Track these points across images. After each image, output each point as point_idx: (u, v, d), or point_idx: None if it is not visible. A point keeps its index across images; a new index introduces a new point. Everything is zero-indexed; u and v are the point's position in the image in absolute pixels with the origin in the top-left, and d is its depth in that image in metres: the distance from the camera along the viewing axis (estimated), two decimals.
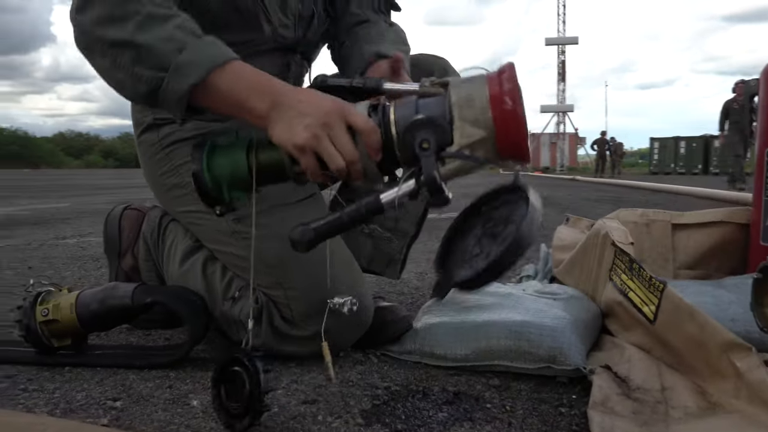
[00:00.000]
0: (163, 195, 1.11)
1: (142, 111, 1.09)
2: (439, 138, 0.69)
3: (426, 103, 0.72)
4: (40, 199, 6.11)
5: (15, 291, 1.62)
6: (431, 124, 0.69)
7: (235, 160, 0.75)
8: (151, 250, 1.18)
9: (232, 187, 0.76)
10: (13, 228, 3.30)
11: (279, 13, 1.06)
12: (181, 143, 1.06)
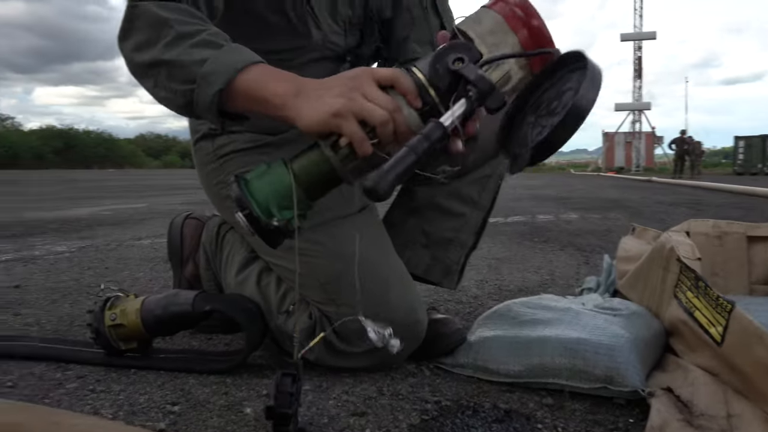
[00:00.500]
0: (218, 204, 1.15)
1: (197, 120, 1.12)
2: (468, 54, 0.68)
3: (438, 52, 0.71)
4: (121, 200, 6.44)
5: (92, 291, 1.72)
6: (455, 46, 0.69)
7: (276, 177, 0.71)
8: (210, 260, 1.22)
9: (283, 206, 0.71)
10: (96, 228, 3.50)
11: (329, 19, 1.07)
12: (234, 155, 1.09)
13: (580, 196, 7.30)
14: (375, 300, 0.95)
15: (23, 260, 2.29)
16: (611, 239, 2.99)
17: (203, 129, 1.12)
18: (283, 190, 0.70)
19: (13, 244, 2.77)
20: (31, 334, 1.26)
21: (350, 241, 0.99)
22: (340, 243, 0.99)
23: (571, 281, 1.90)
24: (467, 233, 1.21)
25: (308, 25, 1.03)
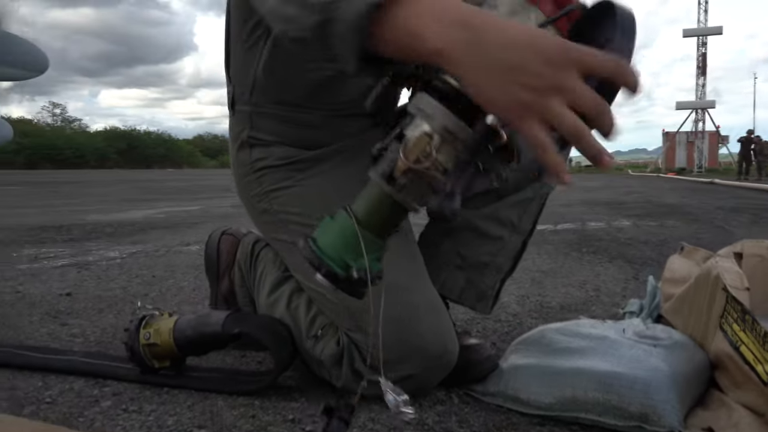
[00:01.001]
0: (254, 216, 1.15)
1: (239, 124, 1.11)
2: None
3: None
4: (175, 202, 6.63)
5: (130, 300, 1.77)
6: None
7: (342, 227, 0.67)
8: (244, 277, 1.24)
9: (358, 254, 0.66)
10: (149, 231, 3.61)
11: None
12: (271, 170, 1.09)
13: (636, 201, 7.08)
14: (404, 328, 0.94)
15: (77, 266, 2.38)
16: (665, 251, 2.87)
17: (243, 136, 1.11)
18: (352, 239, 0.66)
19: (70, 248, 2.89)
20: (74, 348, 1.30)
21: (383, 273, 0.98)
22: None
23: (617, 298, 1.83)
24: (504, 257, 1.17)
25: None
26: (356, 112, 1.09)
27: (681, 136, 40.80)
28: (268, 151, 1.08)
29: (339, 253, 0.66)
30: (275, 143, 1.08)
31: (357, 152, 1.08)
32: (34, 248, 2.88)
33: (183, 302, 1.76)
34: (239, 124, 1.12)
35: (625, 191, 9.99)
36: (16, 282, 2.04)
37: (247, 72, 1.07)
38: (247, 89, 1.08)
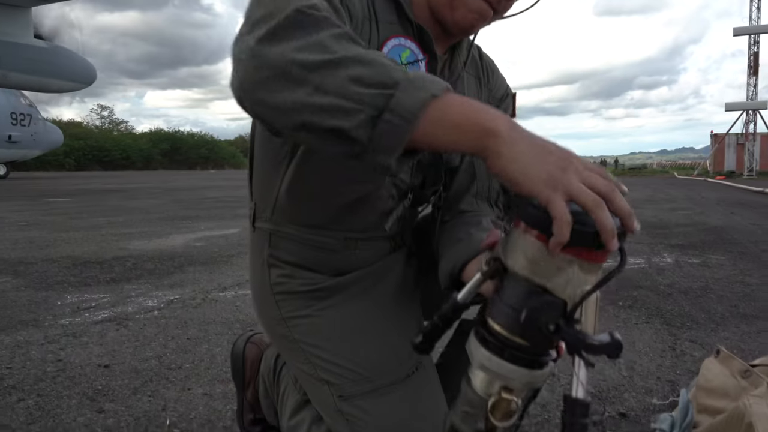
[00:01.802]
0: (273, 338, 1.14)
1: (260, 242, 1.10)
2: (557, 309, 0.67)
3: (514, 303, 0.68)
4: (214, 221, 6.75)
5: (171, 376, 1.81)
6: (541, 305, 0.66)
7: None
8: (268, 390, 1.25)
9: None
10: (186, 269, 3.69)
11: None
12: (290, 296, 1.08)
13: (679, 222, 6.88)
14: None
15: (117, 320, 2.45)
16: (705, 304, 2.80)
17: (263, 255, 1.10)
18: None
19: (110, 293, 2.97)
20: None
21: (396, 413, 0.98)
22: (385, 415, 0.98)
23: (651, 381, 1.79)
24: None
25: None
26: (375, 236, 1.10)
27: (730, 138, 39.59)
28: (287, 275, 1.08)
29: None
30: (294, 266, 1.08)
31: (374, 282, 1.09)
32: (77, 293, 2.97)
33: (215, 380, 1.79)
34: (259, 241, 1.12)
35: (669, 207, 9.72)
36: (57, 346, 2.12)
37: (269, 190, 1.07)
38: (269, 207, 1.08)
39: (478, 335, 0.68)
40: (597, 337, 0.63)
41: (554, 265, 0.63)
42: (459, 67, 1.09)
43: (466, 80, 1.11)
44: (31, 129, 23.12)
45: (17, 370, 1.87)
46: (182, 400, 1.65)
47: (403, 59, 0.97)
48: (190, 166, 59.64)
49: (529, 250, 0.64)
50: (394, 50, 0.97)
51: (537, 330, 0.63)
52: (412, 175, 1.09)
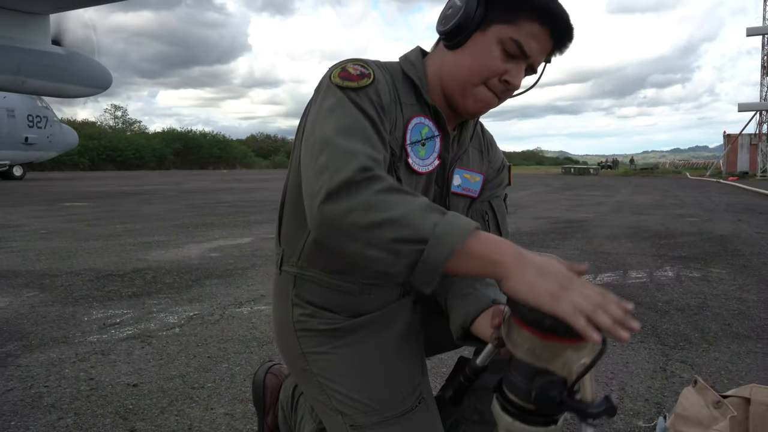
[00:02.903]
0: (293, 371, 1.28)
1: (285, 284, 1.24)
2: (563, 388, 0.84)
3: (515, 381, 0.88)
4: (228, 229, 6.93)
5: (195, 395, 1.97)
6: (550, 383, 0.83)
7: None
8: (286, 418, 1.40)
9: None
10: (204, 283, 3.86)
11: None
12: (310, 333, 1.24)
13: (685, 231, 6.97)
14: None
15: (141, 338, 2.62)
16: (701, 323, 2.92)
17: (288, 295, 1.26)
18: None
19: (133, 309, 3.14)
20: None
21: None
22: None
23: (640, 403, 1.92)
24: None
25: None
26: (387, 283, 1.24)
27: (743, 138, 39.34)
28: (309, 315, 1.23)
29: None
30: (316, 306, 1.23)
31: (384, 324, 1.24)
32: (102, 309, 3.14)
33: (235, 399, 1.95)
34: (285, 283, 1.26)
35: (677, 212, 9.79)
36: (88, 364, 2.28)
37: (297, 239, 1.22)
38: (296, 254, 1.23)
39: (500, 403, 0.86)
40: (595, 403, 0.79)
41: (550, 352, 0.80)
42: (466, 142, 1.24)
43: (471, 153, 1.27)
44: (47, 131, 23.49)
45: (54, 389, 2.04)
46: (206, 419, 1.80)
47: (423, 135, 1.14)
48: (202, 165, 59.97)
49: (526, 343, 0.82)
50: (416, 128, 1.13)
51: (546, 404, 0.80)
52: None
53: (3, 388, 2.04)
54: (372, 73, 1.06)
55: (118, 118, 69.47)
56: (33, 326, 2.82)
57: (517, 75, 1.10)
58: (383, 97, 1.07)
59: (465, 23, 1.09)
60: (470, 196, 1.27)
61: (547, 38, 1.09)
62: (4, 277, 4.03)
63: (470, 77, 1.11)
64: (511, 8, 1.07)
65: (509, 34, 1.07)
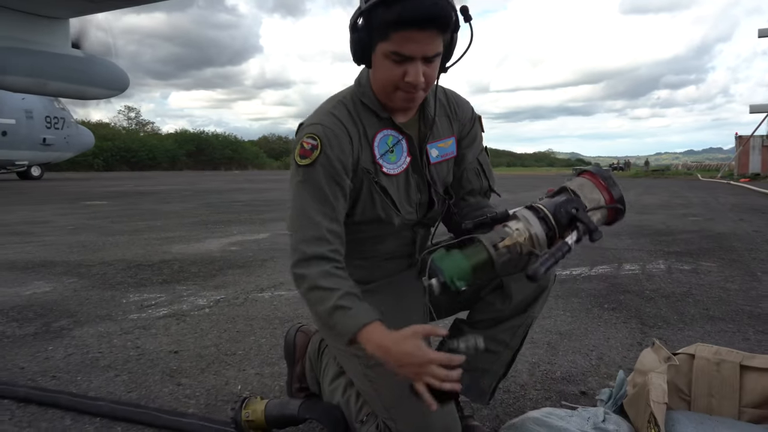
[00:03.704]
0: (323, 332, 1.62)
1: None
2: (580, 205, 1.25)
3: (558, 198, 1.29)
4: (245, 225, 7.27)
5: (228, 360, 2.28)
6: (572, 200, 1.26)
7: (454, 261, 1.23)
8: (313, 365, 1.71)
9: (460, 278, 1.22)
10: (227, 272, 4.18)
11: (406, 206, 1.52)
12: None
13: (686, 229, 7.21)
14: (419, 422, 1.38)
15: (176, 316, 2.94)
16: (681, 307, 3.19)
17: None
18: (460, 270, 1.22)
19: (165, 293, 3.47)
20: (190, 409, 1.81)
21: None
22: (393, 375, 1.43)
23: (613, 369, 2.21)
24: (499, 365, 1.60)
25: (392, 217, 1.49)
26: (395, 256, 1.57)
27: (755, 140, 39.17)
28: None
29: (451, 274, 1.22)
30: None
31: (394, 289, 1.55)
32: (137, 293, 3.47)
33: (264, 363, 2.26)
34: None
35: (681, 212, 10.01)
36: (133, 336, 2.61)
37: None
38: None
39: (531, 209, 1.26)
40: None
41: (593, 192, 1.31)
42: (430, 115, 1.53)
43: (440, 122, 1.56)
44: (64, 132, 24.01)
45: (107, 354, 2.36)
46: (239, 377, 2.12)
47: (389, 144, 1.48)
48: (214, 166, 60.40)
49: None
50: (382, 140, 1.47)
51: (564, 211, 1.23)
52: (417, 213, 1.55)
53: (64, 353, 2.36)
54: (320, 142, 1.40)
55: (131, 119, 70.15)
56: (78, 306, 3.15)
57: (414, 73, 1.33)
58: (333, 154, 1.41)
59: (357, 50, 1.38)
60: (449, 158, 1.58)
61: (421, 33, 1.28)
62: (44, 266, 4.38)
63: (384, 88, 1.40)
64: (382, 27, 1.30)
65: (387, 48, 1.32)
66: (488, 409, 1.84)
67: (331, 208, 1.41)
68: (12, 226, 7.11)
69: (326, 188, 1.41)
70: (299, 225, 1.41)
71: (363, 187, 1.46)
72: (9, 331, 2.68)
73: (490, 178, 1.65)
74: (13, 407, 1.83)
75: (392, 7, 1.25)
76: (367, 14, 1.30)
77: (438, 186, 1.56)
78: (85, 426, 1.71)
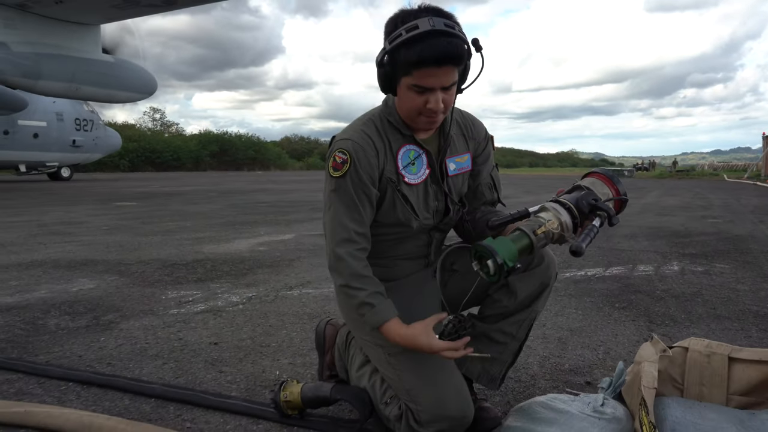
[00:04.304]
0: (348, 320, 1.83)
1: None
2: (596, 197, 1.50)
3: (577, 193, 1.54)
4: (271, 226, 7.52)
5: (263, 351, 2.50)
6: (590, 193, 1.52)
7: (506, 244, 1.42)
8: (341, 355, 1.92)
9: (510, 259, 1.41)
10: (257, 271, 4.42)
11: (424, 211, 1.73)
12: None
13: (704, 231, 7.29)
14: (437, 405, 1.59)
15: (213, 312, 3.18)
16: (690, 307, 3.34)
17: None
18: (510, 252, 1.41)
19: (201, 290, 3.71)
20: (232, 392, 2.04)
21: (425, 365, 1.63)
22: (419, 365, 1.63)
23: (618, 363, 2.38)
24: (507, 354, 1.79)
25: (411, 221, 1.70)
26: (412, 257, 1.77)
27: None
28: None
29: (504, 255, 1.41)
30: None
31: (412, 286, 1.76)
32: (175, 290, 3.73)
33: (296, 354, 2.48)
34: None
35: (701, 214, 10.04)
36: (175, 329, 2.84)
37: None
38: None
39: (557, 203, 1.50)
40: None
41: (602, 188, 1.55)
42: (448, 133, 1.74)
43: (456, 139, 1.77)
44: (93, 134, 24.62)
45: (153, 345, 2.60)
46: (274, 366, 2.34)
47: (411, 157, 1.68)
48: (237, 167, 60.99)
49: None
50: (405, 154, 1.67)
51: (586, 202, 1.47)
52: (434, 218, 1.75)
53: (115, 344, 2.61)
54: (349, 157, 1.62)
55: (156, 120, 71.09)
56: (122, 302, 3.40)
57: (435, 101, 1.55)
58: (362, 167, 1.63)
59: (384, 83, 1.60)
60: (465, 171, 1.79)
61: (438, 69, 1.49)
62: (86, 265, 4.67)
63: (408, 113, 1.62)
64: (404, 65, 1.52)
65: (410, 82, 1.54)
66: (500, 396, 2.03)
67: (359, 214, 1.63)
68: (50, 227, 7.45)
69: (355, 197, 1.62)
70: (333, 229, 1.63)
71: (387, 194, 1.67)
72: (63, 324, 2.94)
73: (499, 192, 1.86)
74: (78, 389, 2.07)
75: (413, 49, 1.46)
76: (392, 54, 1.51)
77: (454, 195, 1.76)
78: (142, 405, 1.94)
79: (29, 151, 21.51)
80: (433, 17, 1.47)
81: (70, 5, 13.08)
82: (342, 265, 1.60)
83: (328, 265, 1.66)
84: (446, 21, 1.48)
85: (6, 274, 4.25)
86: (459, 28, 1.50)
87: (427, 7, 1.51)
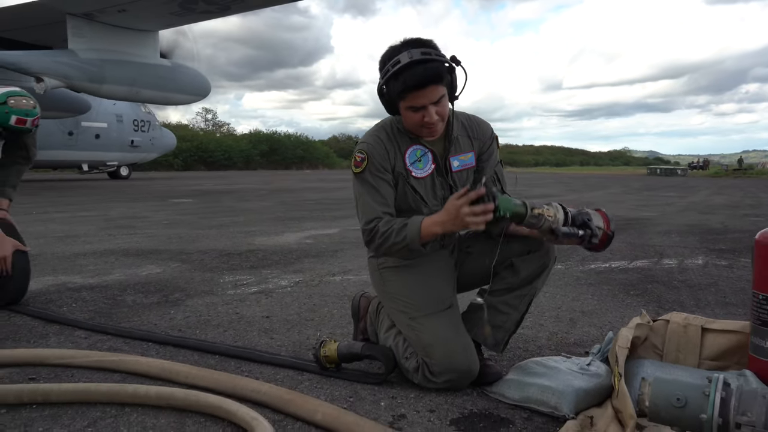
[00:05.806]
0: (378, 292, 2.21)
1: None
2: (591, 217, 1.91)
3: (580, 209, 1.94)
4: (318, 222, 7.98)
5: (309, 324, 2.91)
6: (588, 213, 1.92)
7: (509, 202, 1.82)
8: (372, 321, 2.30)
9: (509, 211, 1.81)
10: (303, 260, 4.85)
11: (432, 199, 2.09)
12: (386, 270, 2.14)
13: (743, 229, 7.36)
14: (447, 359, 1.95)
15: (264, 293, 3.61)
16: (702, 295, 3.58)
17: (371, 253, 2.19)
18: (507, 207, 1.81)
19: (254, 275, 4.16)
20: (282, 352, 2.45)
21: (437, 325, 1.99)
22: (432, 326, 2.00)
23: None
24: (510, 324, 2.14)
25: (421, 207, 2.07)
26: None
27: None
28: (385, 259, 2.14)
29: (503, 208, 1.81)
30: (388, 257, 2.13)
31: (430, 263, 2.12)
32: (231, 275, 4.19)
33: (335, 326, 2.88)
34: (374, 260, 2.19)
35: (744, 213, 10.01)
36: (233, 306, 3.28)
37: None
38: None
39: (561, 205, 1.89)
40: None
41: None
42: (452, 135, 2.09)
43: (461, 140, 2.12)
44: (150, 134, 25.75)
45: (215, 317, 3.04)
46: (317, 335, 2.73)
47: (417, 155, 2.05)
48: (286, 166, 62.10)
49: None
50: (412, 153, 2.06)
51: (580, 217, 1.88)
52: (441, 205, 2.11)
53: (183, 316, 3.06)
54: (366, 155, 2.02)
55: (208, 120, 72.99)
56: (186, 284, 3.88)
57: (429, 115, 1.93)
58: (376, 161, 2.02)
59: (387, 107, 2.01)
60: (469, 168, 2.14)
61: (424, 90, 1.87)
62: (152, 253, 5.20)
63: (412, 128, 2.00)
64: (396, 93, 1.91)
65: (405, 104, 1.93)
66: (507, 361, 2.37)
67: (381, 196, 2.01)
68: (116, 221, 8.10)
69: (375, 184, 2.01)
70: (363, 211, 2.03)
71: (399, 185, 2.05)
72: (138, 300, 3.42)
73: (503, 185, 2.19)
74: (156, 347, 2.52)
75: (399, 79, 1.88)
76: (384, 85, 1.93)
77: (458, 188, 2.12)
78: (208, 360, 2.36)
79: (91, 151, 22.70)
80: (412, 49, 1.86)
81: (132, 14, 13.90)
82: (372, 232, 1.99)
83: (364, 242, 2.04)
84: (423, 50, 1.86)
85: (85, 260, 4.81)
86: (436, 52, 1.87)
87: (408, 40, 1.91)
